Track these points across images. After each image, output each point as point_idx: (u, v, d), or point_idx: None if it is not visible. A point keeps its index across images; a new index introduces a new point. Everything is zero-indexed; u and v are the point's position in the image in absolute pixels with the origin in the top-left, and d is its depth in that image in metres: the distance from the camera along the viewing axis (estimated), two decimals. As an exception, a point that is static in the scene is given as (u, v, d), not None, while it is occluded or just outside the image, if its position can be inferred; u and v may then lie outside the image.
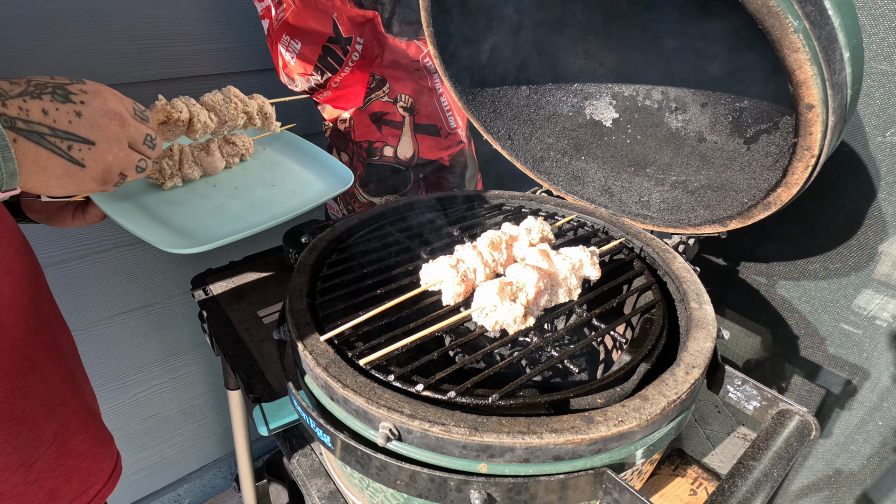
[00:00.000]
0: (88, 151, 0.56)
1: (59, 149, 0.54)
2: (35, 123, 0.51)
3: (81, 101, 0.56)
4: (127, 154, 0.62)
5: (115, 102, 0.60)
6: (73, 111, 0.54)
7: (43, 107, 0.52)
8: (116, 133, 0.59)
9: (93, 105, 0.57)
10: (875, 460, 0.98)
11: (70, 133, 0.54)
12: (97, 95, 0.58)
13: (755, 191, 0.80)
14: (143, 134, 0.64)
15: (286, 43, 1.16)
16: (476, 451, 0.50)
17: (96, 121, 0.56)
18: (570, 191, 1.02)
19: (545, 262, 0.71)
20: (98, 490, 0.74)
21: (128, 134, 0.61)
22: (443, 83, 1.02)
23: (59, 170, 0.55)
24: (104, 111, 0.58)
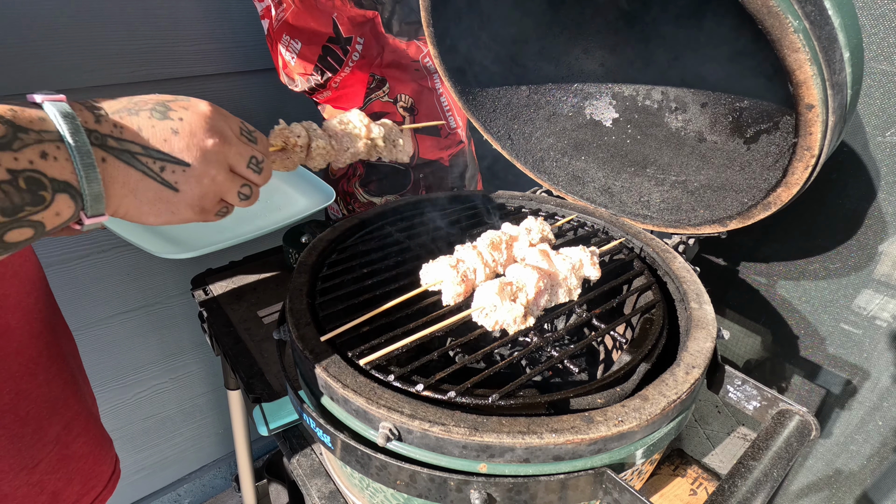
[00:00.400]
0: (182, 174, 0.50)
1: (150, 170, 0.48)
2: (127, 142, 0.47)
3: (180, 117, 0.51)
4: (227, 178, 0.54)
5: (218, 120, 0.53)
6: (169, 128, 0.49)
7: (139, 124, 0.48)
8: (215, 154, 0.52)
9: (191, 122, 0.51)
10: (875, 460, 0.98)
11: (163, 153, 0.49)
12: (197, 112, 0.52)
13: (755, 191, 0.80)
14: (248, 156, 0.55)
15: (286, 43, 1.16)
16: (476, 451, 0.50)
17: (193, 139, 0.50)
18: (570, 191, 1.02)
19: (545, 262, 0.71)
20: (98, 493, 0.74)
21: (229, 155, 0.53)
22: (443, 83, 1.02)
23: (151, 194, 0.49)
24: (203, 129, 0.51)
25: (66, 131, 0.42)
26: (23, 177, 0.39)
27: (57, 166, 0.41)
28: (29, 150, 0.40)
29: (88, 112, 0.45)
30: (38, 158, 0.40)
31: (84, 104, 0.46)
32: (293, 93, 1.28)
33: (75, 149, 0.42)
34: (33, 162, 0.40)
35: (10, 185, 0.38)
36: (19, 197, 0.39)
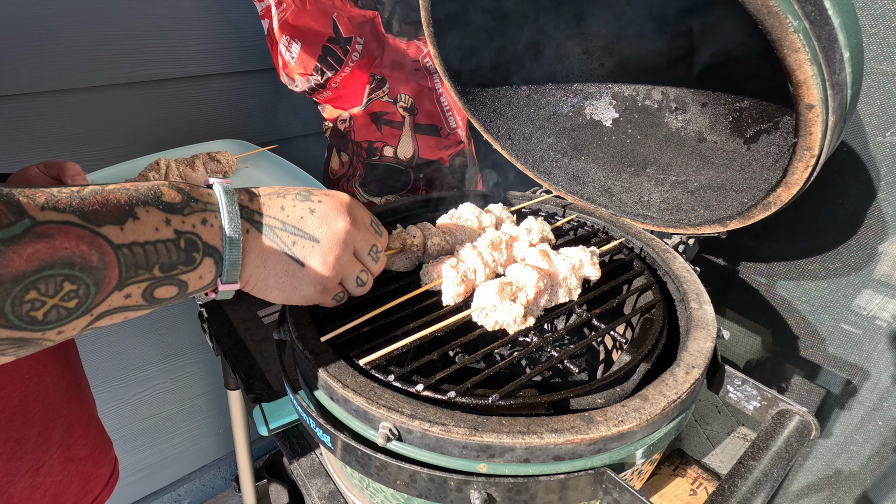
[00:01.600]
0: (311, 249, 0.53)
1: (283, 243, 0.52)
2: (270, 217, 0.51)
3: (319, 200, 0.54)
4: (350, 261, 0.57)
5: (353, 207, 0.57)
6: (308, 208, 0.53)
7: (283, 203, 0.52)
8: (343, 236, 0.55)
9: (327, 205, 0.55)
10: (875, 460, 0.98)
11: (298, 228, 0.52)
12: (336, 198, 0.56)
13: (755, 191, 0.80)
14: (371, 244, 0.59)
15: (286, 43, 1.16)
16: (476, 451, 0.50)
17: (326, 218, 0.54)
18: (570, 191, 1.02)
19: (545, 262, 0.71)
20: (96, 495, 0.74)
21: (356, 239, 0.57)
22: (443, 83, 1.02)
23: (280, 266, 0.52)
24: (337, 212, 0.55)
25: (224, 204, 0.47)
26: (184, 238, 0.44)
27: (211, 232, 0.46)
28: (195, 216, 0.45)
29: (245, 193, 0.51)
30: (199, 224, 0.46)
31: (245, 189, 0.52)
32: (293, 93, 1.28)
33: (227, 218, 0.47)
34: (195, 227, 0.45)
35: (173, 244, 0.43)
36: (177, 255, 0.44)
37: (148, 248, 0.42)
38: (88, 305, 0.39)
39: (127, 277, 0.41)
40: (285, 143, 1.57)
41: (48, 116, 1.18)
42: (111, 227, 0.40)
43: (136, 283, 0.42)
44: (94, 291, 0.39)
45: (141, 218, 0.42)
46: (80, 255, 0.37)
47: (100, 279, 0.39)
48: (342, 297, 0.60)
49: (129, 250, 0.40)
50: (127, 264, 0.40)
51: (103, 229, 0.39)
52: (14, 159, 1.16)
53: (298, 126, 1.56)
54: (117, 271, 0.40)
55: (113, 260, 0.39)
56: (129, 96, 1.26)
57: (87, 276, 0.38)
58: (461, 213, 0.81)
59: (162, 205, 0.43)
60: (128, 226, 0.41)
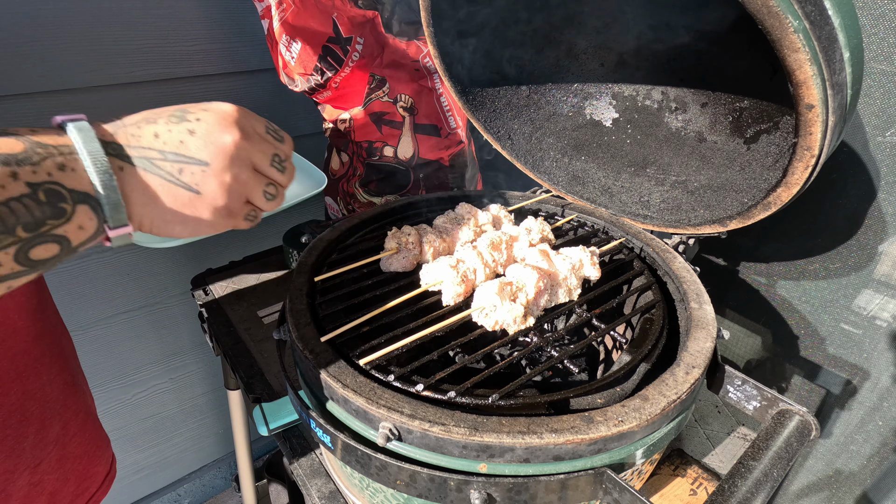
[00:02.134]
0: (202, 174, 0.48)
1: (169, 174, 0.46)
2: (144, 148, 0.46)
3: (197, 118, 0.48)
4: (251, 177, 0.51)
5: (239, 117, 0.51)
6: (185, 130, 0.47)
7: (156, 130, 0.47)
8: (235, 150, 0.49)
9: (208, 121, 0.48)
10: (875, 460, 0.98)
11: (180, 154, 0.47)
12: (216, 111, 0.50)
13: (755, 191, 0.80)
14: (271, 154, 0.52)
15: (286, 43, 1.16)
16: (476, 451, 0.50)
17: (210, 137, 0.48)
18: (570, 191, 1.02)
19: (545, 262, 0.71)
20: (92, 493, 0.74)
21: (251, 152, 0.51)
22: (443, 83, 1.02)
23: (172, 199, 0.47)
24: (221, 126, 0.49)
25: (81, 143, 0.42)
26: (42, 189, 0.40)
27: (75, 177, 0.41)
28: (47, 162, 0.40)
29: (106, 127, 0.46)
30: (56, 171, 0.41)
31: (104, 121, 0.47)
32: (293, 93, 1.28)
33: (90, 159, 0.42)
34: (52, 174, 0.40)
35: (30, 198, 0.39)
36: (40, 210, 0.39)
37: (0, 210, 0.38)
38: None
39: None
40: (285, 143, 1.57)
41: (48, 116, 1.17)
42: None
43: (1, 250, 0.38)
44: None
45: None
46: None
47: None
48: (254, 215, 0.54)
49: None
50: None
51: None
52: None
53: (298, 126, 1.56)
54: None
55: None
56: (128, 96, 1.26)
57: None
58: (458, 213, 0.81)
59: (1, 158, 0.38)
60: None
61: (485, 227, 0.82)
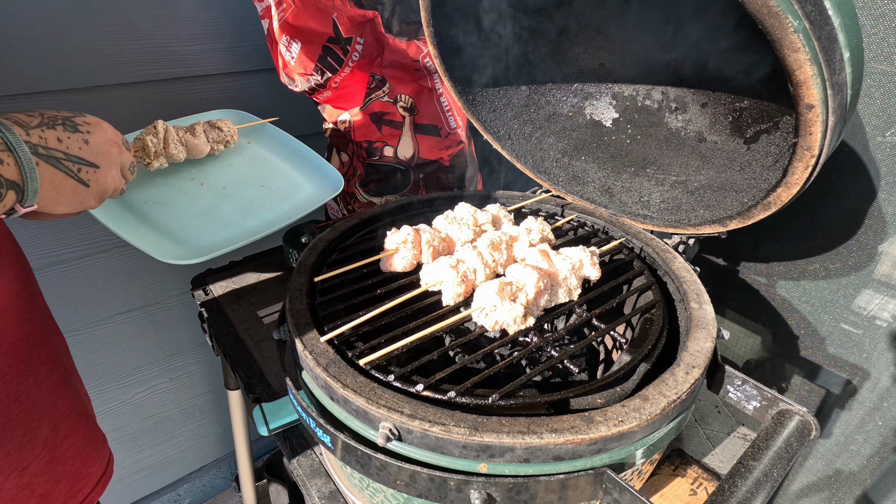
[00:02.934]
0: (94, 174, 0.66)
1: (70, 171, 0.62)
2: (52, 150, 0.60)
3: (87, 130, 0.65)
4: (118, 177, 0.72)
5: (113, 133, 0.71)
6: (81, 139, 0.64)
7: (58, 136, 0.61)
8: (115, 158, 0.70)
9: (97, 135, 0.66)
10: (875, 460, 0.98)
11: (80, 158, 0.63)
12: (99, 127, 0.68)
13: (755, 191, 0.80)
14: (129, 161, 0.75)
15: (286, 43, 1.16)
16: (476, 451, 0.50)
17: (100, 147, 0.66)
18: (570, 191, 1.02)
19: (545, 262, 0.71)
20: (86, 495, 0.73)
21: (121, 160, 0.72)
22: (443, 83, 1.02)
23: (69, 189, 0.63)
24: (106, 140, 0.68)
25: (12, 143, 0.54)
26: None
27: (8, 169, 0.54)
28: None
29: (19, 127, 0.57)
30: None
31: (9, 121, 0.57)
32: (293, 93, 1.28)
33: (21, 156, 0.55)
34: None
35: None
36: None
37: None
38: None
39: None
40: (285, 143, 1.57)
41: (48, 116, 1.17)
42: None
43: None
44: None
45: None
46: None
47: None
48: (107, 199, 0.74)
49: None
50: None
51: None
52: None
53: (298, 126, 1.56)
54: None
55: None
56: (129, 96, 1.26)
57: None
58: (457, 214, 0.81)
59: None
60: None
61: (484, 227, 0.82)
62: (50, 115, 0.63)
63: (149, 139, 0.89)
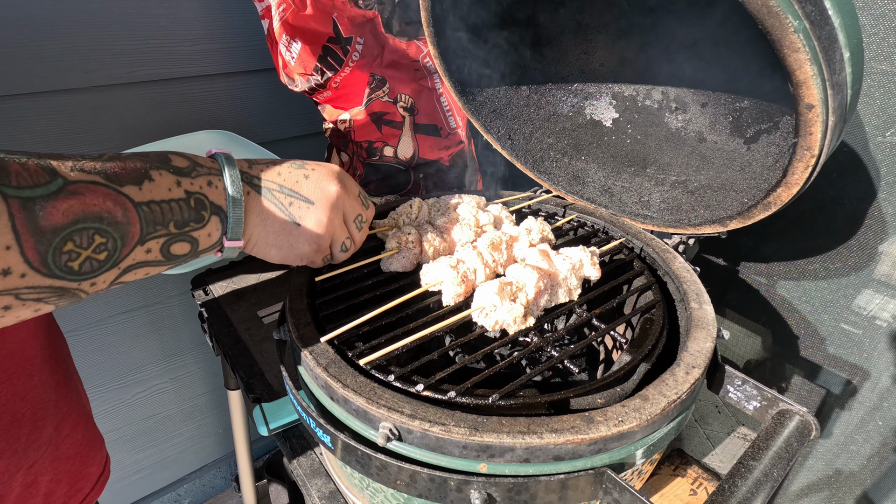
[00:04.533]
0: (306, 210, 0.60)
1: (281, 204, 0.58)
2: (268, 181, 0.57)
3: (312, 168, 0.61)
4: (340, 224, 0.64)
5: (343, 176, 0.64)
6: (302, 174, 0.60)
7: (279, 170, 0.59)
8: (335, 199, 0.61)
9: (320, 171, 0.62)
10: (875, 460, 0.98)
11: (293, 191, 0.59)
12: (328, 167, 0.63)
13: (755, 191, 0.80)
14: (358, 212, 0.66)
15: (286, 43, 1.16)
16: (476, 451, 0.50)
17: (319, 184, 0.60)
18: (570, 191, 1.02)
19: (545, 262, 0.71)
20: (86, 495, 0.74)
21: (345, 205, 0.63)
22: (443, 83, 1.02)
23: (278, 225, 0.58)
24: (329, 179, 0.62)
25: (226, 169, 0.53)
26: (194, 198, 0.49)
27: (216, 193, 0.52)
28: (201, 178, 0.51)
29: (245, 161, 0.57)
30: (205, 185, 0.51)
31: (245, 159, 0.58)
32: (293, 93, 1.28)
33: (230, 180, 0.53)
34: (202, 188, 0.50)
35: (185, 202, 0.48)
36: (188, 213, 0.49)
37: (164, 206, 0.46)
38: (116, 258, 0.44)
39: (147, 233, 0.45)
40: (285, 143, 1.57)
41: (48, 116, 1.18)
42: (131, 187, 0.44)
43: (155, 238, 0.46)
44: (121, 245, 0.43)
45: (156, 180, 0.46)
46: (107, 211, 0.42)
47: (124, 234, 0.43)
48: (329, 261, 0.67)
49: (147, 208, 0.45)
50: (146, 220, 0.45)
51: (125, 188, 0.44)
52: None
53: (298, 126, 1.56)
54: (139, 227, 0.44)
55: (134, 216, 0.44)
56: (128, 96, 1.26)
57: (113, 231, 0.42)
58: (459, 213, 0.81)
59: (172, 168, 0.48)
60: (145, 186, 0.45)
61: (485, 227, 0.82)
62: (284, 160, 0.61)
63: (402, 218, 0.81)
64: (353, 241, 0.67)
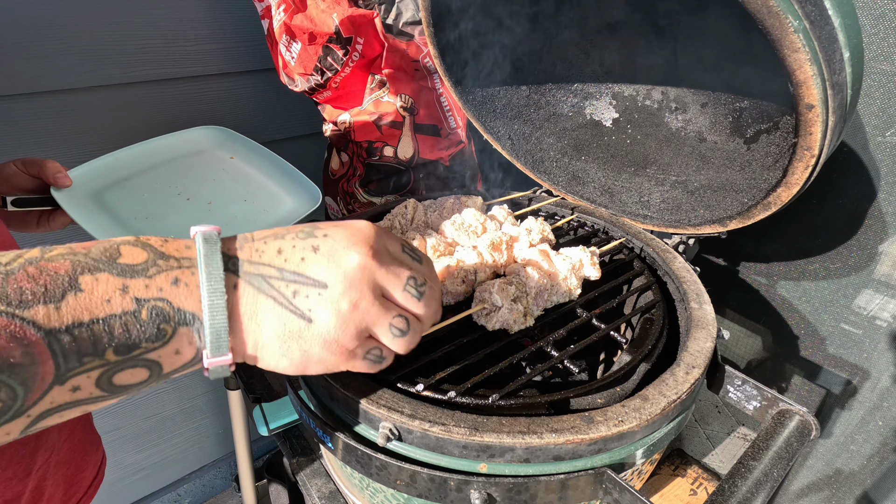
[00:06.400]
0: (318, 298, 0.40)
1: (282, 295, 0.40)
2: (263, 265, 0.40)
3: (325, 234, 0.41)
4: (375, 304, 0.42)
5: (373, 234, 0.42)
6: (310, 247, 0.41)
7: (280, 246, 0.41)
8: (360, 272, 0.40)
9: (336, 237, 0.41)
10: (875, 460, 0.98)
11: (298, 273, 0.40)
12: (347, 226, 0.43)
13: (755, 191, 0.80)
14: (406, 276, 0.43)
15: (286, 43, 1.16)
16: (476, 451, 0.50)
17: (333, 255, 0.40)
18: (570, 191, 1.02)
19: (545, 262, 0.71)
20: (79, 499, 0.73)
21: (378, 274, 0.42)
22: (443, 83, 1.02)
23: (280, 326, 0.40)
24: (349, 242, 0.41)
25: (203, 254, 0.38)
26: (147, 306, 0.35)
27: (185, 293, 0.37)
28: (162, 276, 0.36)
29: (234, 240, 0.41)
30: (168, 285, 0.36)
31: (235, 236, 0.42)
32: (293, 93, 1.28)
33: (206, 272, 0.37)
34: (163, 290, 0.36)
35: (132, 316, 0.35)
36: (138, 331, 0.35)
37: (95, 327, 0.33)
38: (19, 408, 0.32)
39: (68, 369, 0.33)
40: (285, 143, 1.57)
41: (48, 116, 1.17)
42: (41, 308, 0.32)
43: (82, 373, 0.34)
44: (24, 392, 0.32)
45: (85, 289, 0.33)
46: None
47: (28, 378, 0.31)
48: (380, 354, 0.45)
49: (68, 335, 0.32)
50: (65, 353, 0.32)
51: (30, 312, 0.31)
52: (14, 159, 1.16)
53: (298, 126, 1.56)
54: (52, 364, 0.32)
55: (44, 352, 0.32)
56: (128, 96, 1.26)
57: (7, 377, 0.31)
58: (464, 220, 0.80)
59: (117, 268, 0.35)
60: (67, 303, 0.33)
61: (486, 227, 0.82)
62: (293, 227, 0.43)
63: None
64: (415, 315, 0.45)
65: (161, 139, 1.03)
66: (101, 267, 0.35)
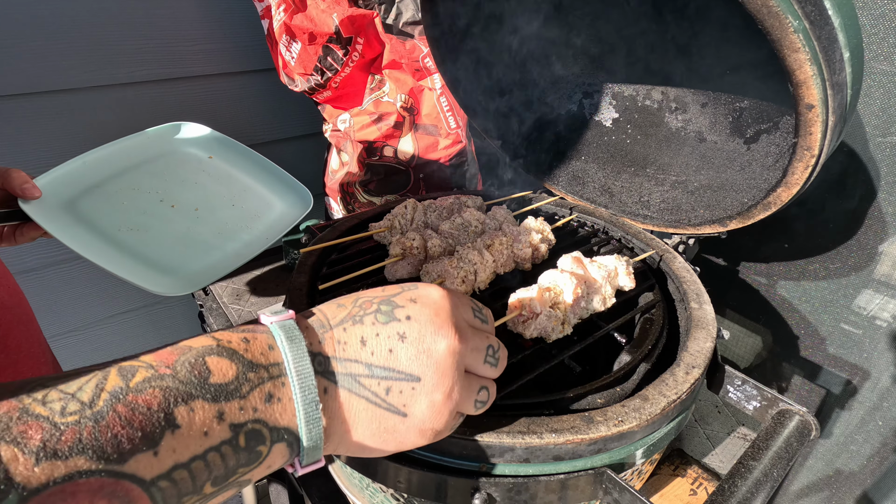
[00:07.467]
0: (412, 392, 0.38)
1: (375, 395, 0.38)
2: (350, 362, 0.37)
3: (407, 315, 0.39)
4: (464, 386, 0.41)
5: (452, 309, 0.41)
6: (396, 333, 0.38)
7: (362, 334, 0.38)
8: (451, 359, 0.39)
9: (421, 320, 0.39)
10: (875, 460, 0.98)
11: (389, 368, 0.38)
12: (429, 304, 0.40)
13: (755, 191, 0.80)
14: (485, 346, 0.43)
15: (286, 43, 1.16)
16: (476, 451, 0.50)
17: (423, 343, 0.39)
18: (570, 191, 1.02)
19: (580, 268, 0.68)
20: None
21: (465, 355, 0.41)
22: (443, 83, 1.02)
23: (375, 425, 0.38)
24: (435, 326, 0.39)
25: (291, 361, 0.35)
26: (244, 432, 0.32)
27: (279, 410, 0.34)
28: (255, 393, 0.33)
29: (314, 326, 0.38)
30: (262, 404, 0.33)
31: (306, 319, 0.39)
32: (293, 93, 1.28)
33: (298, 385, 0.34)
34: (257, 410, 0.33)
35: (229, 444, 0.31)
36: (236, 459, 0.32)
37: (195, 465, 0.30)
38: None
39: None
40: (285, 143, 1.57)
41: (48, 116, 1.18)
42: (141, 458, 0.28)
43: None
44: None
45: (182, 424, 0.30)
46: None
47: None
48: (457, 424, 0.46)
49: (167, 481, 0.29)
50: (165, 499, 0.29)
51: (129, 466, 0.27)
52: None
53: (298, 126, 1.57)
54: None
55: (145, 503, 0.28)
56: (128, 96, 1.26)
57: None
58: (464, 219, 0.80)
59: (210, 392, 0.31)
60: (165, 445, 0.29)
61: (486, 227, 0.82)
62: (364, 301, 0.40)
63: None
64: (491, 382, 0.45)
65: (130, 138, 0.96)
66: (193, 393, 0.31)
